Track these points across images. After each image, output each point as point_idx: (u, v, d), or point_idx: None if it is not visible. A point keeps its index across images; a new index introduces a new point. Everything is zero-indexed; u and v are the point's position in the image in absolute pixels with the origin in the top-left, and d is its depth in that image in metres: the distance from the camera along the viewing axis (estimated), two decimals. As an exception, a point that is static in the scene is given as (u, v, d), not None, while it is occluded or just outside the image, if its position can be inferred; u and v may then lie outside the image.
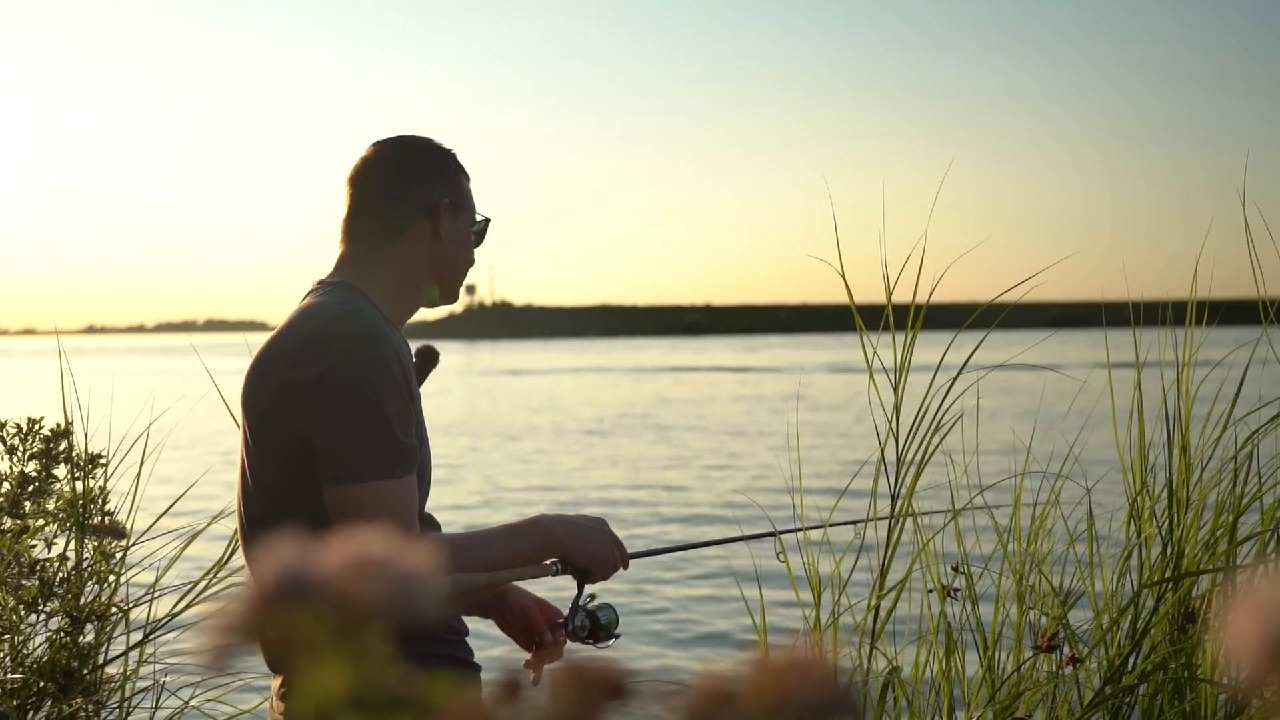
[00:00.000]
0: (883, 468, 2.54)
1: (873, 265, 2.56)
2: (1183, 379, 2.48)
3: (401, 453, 1.88)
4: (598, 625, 2.09)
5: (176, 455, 3.02)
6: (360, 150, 2.13)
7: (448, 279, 2.12)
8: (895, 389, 2.55)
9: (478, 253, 2.20)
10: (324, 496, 1.87)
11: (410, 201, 2.07)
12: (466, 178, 2.17)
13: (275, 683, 2.01)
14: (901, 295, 2.70)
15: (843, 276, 2.58)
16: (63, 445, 2.67)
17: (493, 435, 23.71)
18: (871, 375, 2.54)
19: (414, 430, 1.93)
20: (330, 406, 1.87)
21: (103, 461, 2.73)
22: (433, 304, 2.15)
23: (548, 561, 2.05)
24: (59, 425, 2.69)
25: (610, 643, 2.12)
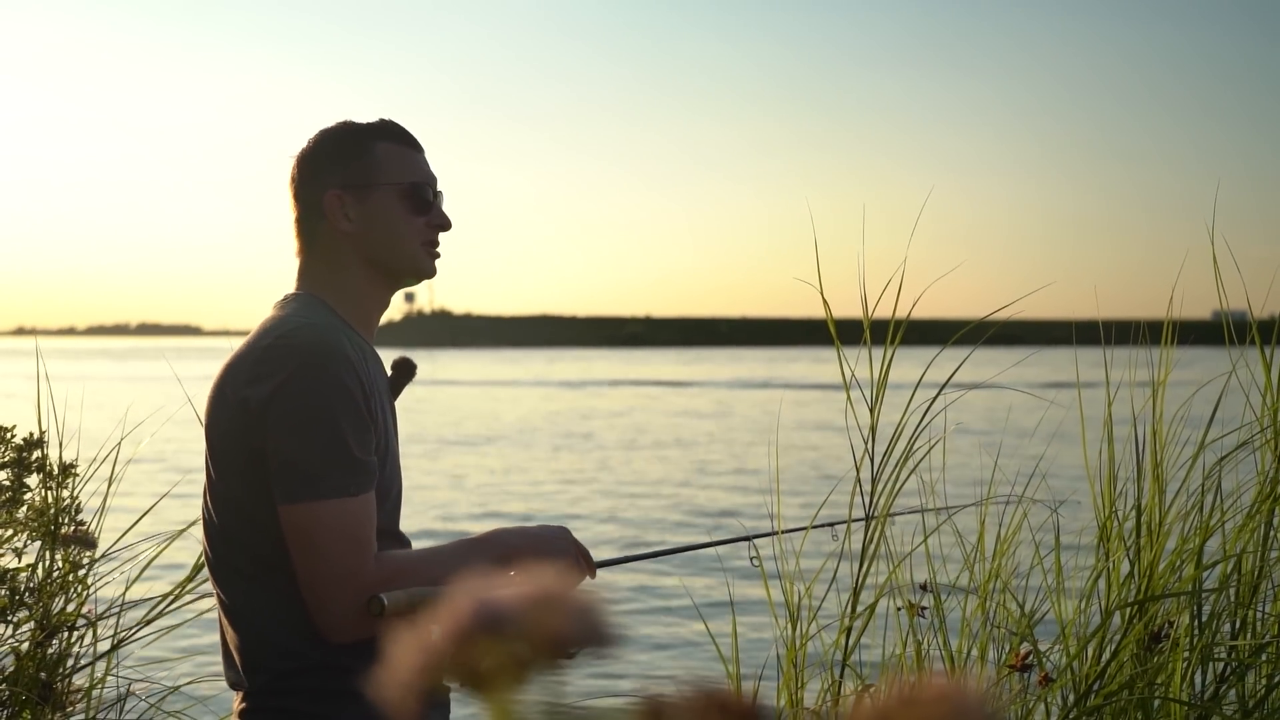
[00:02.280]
0: (858, 487, 2.58)
1: (830, 281, 2.60)
2: (1156, 401, 2.54)
3: (357, 470, 1.85)
4: None
5: (146, 466, 3.00)
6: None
7: (387, 262, 2.04)
8: (871, 410, 2.59)
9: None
10: (279, 515, 1.85)
11: (309, 204, 2.04)
12: (388, 144, 2.05)
13: (235, 700, 2.00)
14: (847, 312, 2.76)
15: (822, 297, 2.62)
16: (35, 454, 2.64)
17: (435, 446, 23.60)
18: (849, 392, 2.58)
19: (373, 446, 1.90)
20: (284, 424, 1.84)
21: (75, 471, 2.70)
22: (410, 282, 2.09)
23: (510, 574, 2.03)
24: (31, 434, 2.67)
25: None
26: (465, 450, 22.95)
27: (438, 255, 2.09)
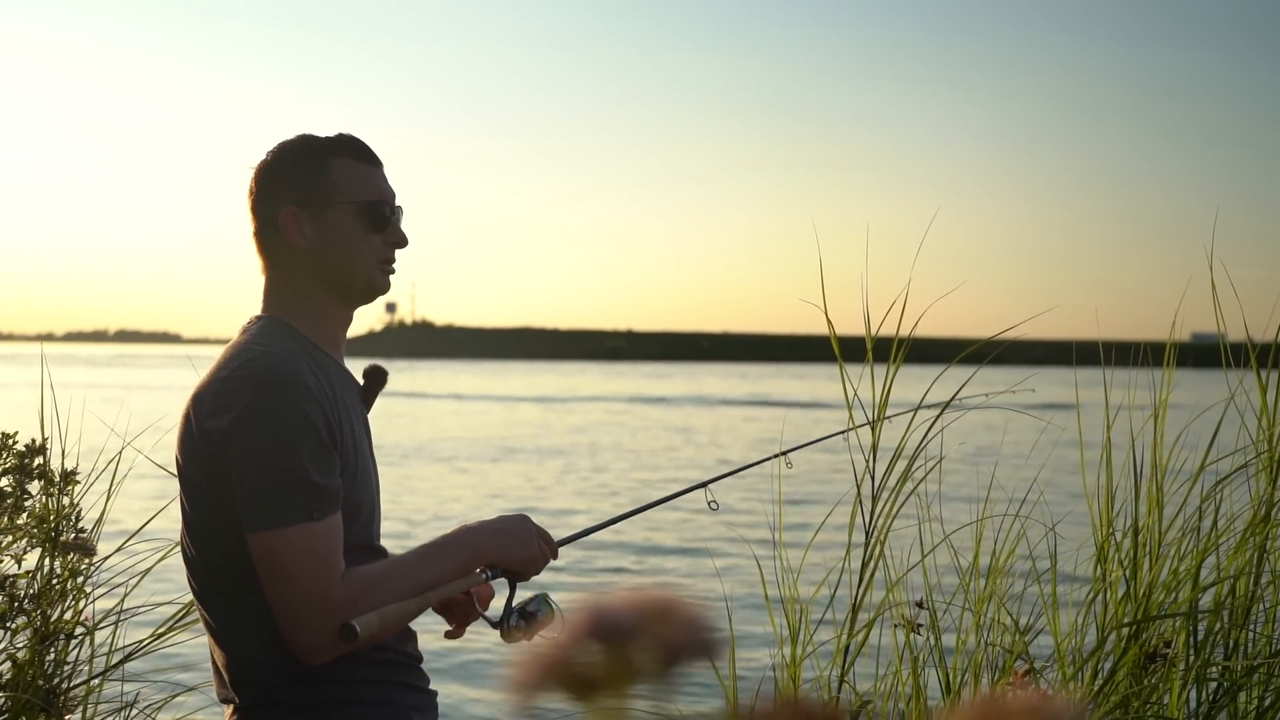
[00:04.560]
0: (859, 504, 2.60)
1: (814, 295, 2.63)
2: (1158, 423, 2.57)
3: (319, 495, 1.87)
4: (533, 621, 2.08)
5: (146, 474, 3.00)
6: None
7: (342, 280, 2.04)
8: (872, 428, 2.61)
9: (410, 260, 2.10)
10: (248, 543, 1.88)
11: (267, 220, 2.04)
12: (345, 160, 2.04)
13: (226, 713, 2.02)
14: (848, 329, 2.79)
15: (826, 316, 2.64)
16: (37, 461, 2.64)
17: (411, 459, 23.54)
18: (850, 410, 2.60)
19: (336, 469, 1.92)
20: (244, 455, 1.87)
21: (76, 479, 2.70)
22: (366, 300, 2.08)
23: (476, 570, 2.03)
24: (34, 441, 2.67)
25: (551, 631, 2.08)
26: (433, 464, 22.90)
27: (392, 272, 2.09)
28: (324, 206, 2.02)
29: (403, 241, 2.08)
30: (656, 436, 29.99)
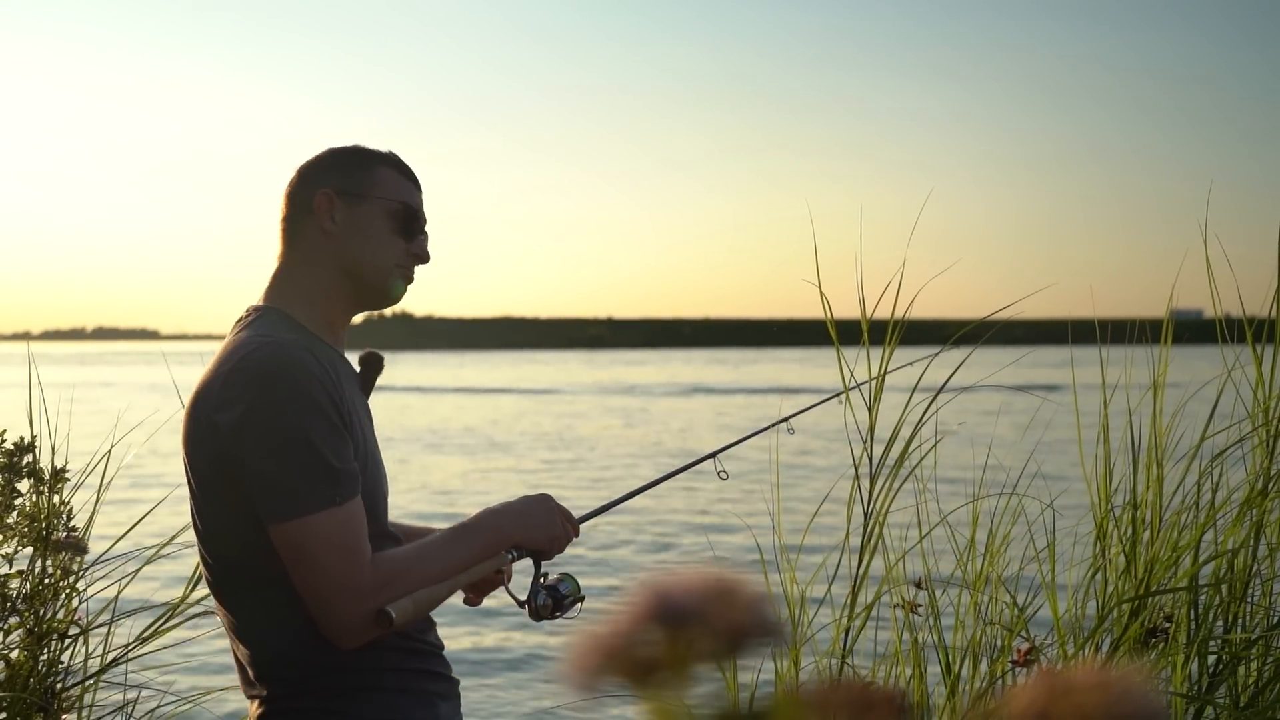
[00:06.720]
0: (857, 487, 2.59)
1: (799, 280, 2.63)
2: (1157, 398, 2.57)
3: (339, 479, 1.86)
4: (560, 599, 2.10)
5: (136, 472, 2.98)
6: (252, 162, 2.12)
7: (358, 274, 2.05)
8: (870, 409, 2.60)
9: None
10: (270, 535, 1.86)
11: (300, 202, 2.05)
12: (390, 169, 2.09)
13: (252, 706, 2.01)
14: (845, 312, 2.78)
15: (821, 295, 2.63)
16: (26, 459, 2.61)
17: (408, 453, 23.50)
18: (848, 394, 2.59)
19: (351, 452, 1.90)
20: (258, 447, 1.85)
21: (66, 477, 2.68)
22: (375, 304, 2.10)
23: (502, 552, 2.04)
24: (23, 439, 2.64)
25: (576, 609, 2.12)
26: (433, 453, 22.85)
27: (410, 280, 2.10)
28: (361, 199, 2.05)
29: (425, 257, 2.12)
30: (647, 425, 30.00)
